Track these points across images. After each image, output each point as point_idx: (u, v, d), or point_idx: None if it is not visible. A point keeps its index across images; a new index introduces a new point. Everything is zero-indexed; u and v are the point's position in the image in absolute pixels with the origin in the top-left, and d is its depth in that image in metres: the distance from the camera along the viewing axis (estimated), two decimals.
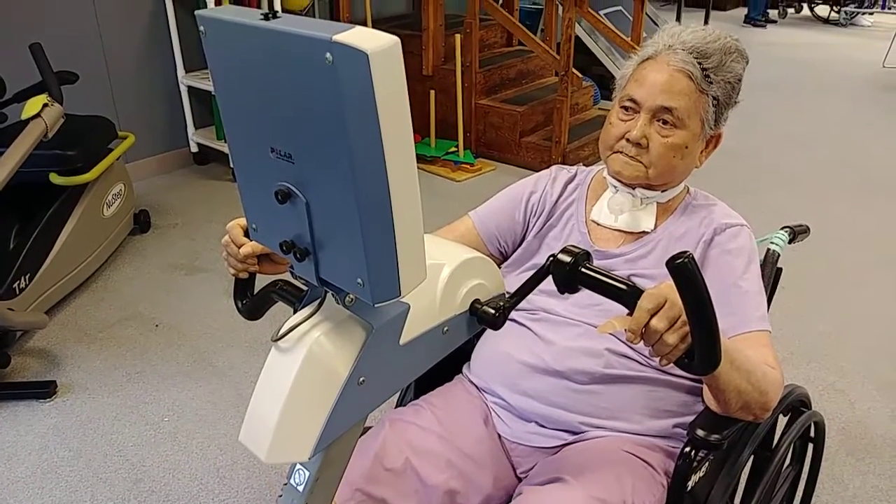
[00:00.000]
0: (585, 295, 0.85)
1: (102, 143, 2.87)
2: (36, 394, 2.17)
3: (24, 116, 2.28)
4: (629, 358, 1.14)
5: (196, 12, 0.70)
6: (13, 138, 2.20)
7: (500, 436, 1.20)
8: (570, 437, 1.14)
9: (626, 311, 0.84)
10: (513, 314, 0.89)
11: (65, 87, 2.54)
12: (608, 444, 1.12)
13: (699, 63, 1.14)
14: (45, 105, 2.30)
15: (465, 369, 1.30)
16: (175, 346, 2.43)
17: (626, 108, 1.18)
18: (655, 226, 1.21)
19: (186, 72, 3.76)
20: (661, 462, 1.12)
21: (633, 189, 1.21)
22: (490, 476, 1.15)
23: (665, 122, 1.15)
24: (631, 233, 1.22)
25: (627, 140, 1.17)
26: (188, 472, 1.91)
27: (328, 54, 0.56)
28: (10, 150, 2.16)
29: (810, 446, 1.46)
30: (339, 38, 0.55)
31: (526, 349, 1.18)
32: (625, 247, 1.21)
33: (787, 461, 1.42)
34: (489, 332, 0.83)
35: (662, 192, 1.22)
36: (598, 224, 1.24)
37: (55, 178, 2.59)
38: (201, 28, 0.69)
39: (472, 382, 1.27)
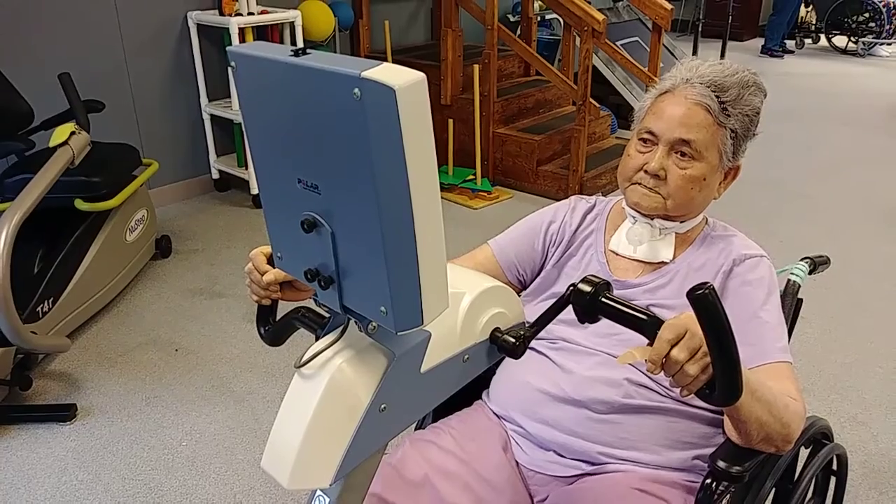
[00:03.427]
0: (604, 324, 0.85)
1: (127, 170, 2.93)
2: (57, 416, 2.19)
3: (51, 144, 2.33)
4: (648, 388, 1.14)
5: (227, 48, 0.72)
6: (41, 165, 2.25)
7: (517, 463, 1.20)
8: (588, 468, 1.14)
9: (646, 341, 0.84)
10: (532, 343, 0.89)
11: (91, 115, 2.61)
12: (624, 480, 1.11)
13: (717, 96, 1.15)
14: (73, 133, 2.35)
15: (484, 396, 1.31)
16: (194, 371, 2.45)
17: (644, 141, 1.20)
18: (674, 256, 1.22)
19: (209, 101, 3.84)
20: (680, 499, 1.11)
21: (652, 220, 1.22)
22: (507, 502, 1.14)
23: (683, 155, 1.16)
24: (650, 263, 1.22)
25: (646, 172, 1.18)
26: (205, 497, 1.91)
27: (356, 90, 0.58)
28: (38, 177, 2.21)
29: (833, 479, 1.44)
30: (367, 74, 0.57)
31: (545, 378, 1.18)
32: (644, 277, 1.22)
33: (810, 494, 1.40)
34: (508, 360, 0.84)
35: (681, 222, 1.22)
36: (617, 254, 1.25)
37: (80, 205, 2.63)
38: (232, 63, 0.71)
39: (491, 409, 1.27)
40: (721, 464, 1.00)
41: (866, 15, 8.40)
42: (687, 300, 0.78)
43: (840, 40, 8.70)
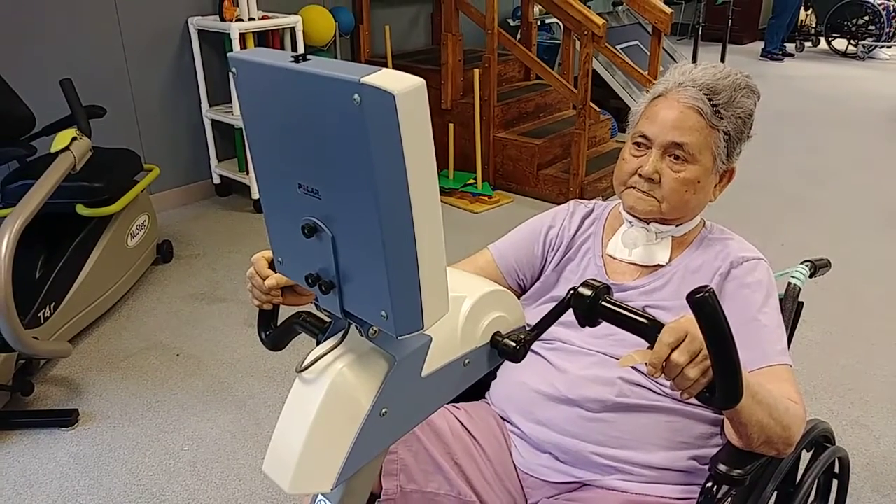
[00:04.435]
0: (601, 326, 0.85)
1: (128, 176, 2.93)
2: (58, 422, 2.19)
3: (53, 149, 2.34)
4: (643, 387, 1.14)
5: (228, 54, 0.72)
6: (42, 170, 2.26)
7: (515, 465, 1.21)
8: (582, 475, 1.14)
9: (646, 344, 0.84)
10: None
11: (93, 120, 2.61)
12: (612, 501, 1.11)
13: (709, 99, 1.16)
14: (74, 138, 2.36)
15: (487, 397, 1.32)
16: (195, 376, 2.45)
17: (638, 145, 1.21)
18: (671, 259, 1.22)
19: (210, 106, 3.85)
20: None
21: (648, 223, 1.22)
22: (506, 490, 1.17)
23: (677, 158, 1.17)
24: (646, 266, 1.23)
25: (640, 175, 1.19)
26: (207, 501, 1.91)
27: (356, 95, 0.58)
28: (40, 182, 2.21)
29: (835, 482, 1.44)
30: (367, 79, 0.58)
31: (540, 378, 1.19)
32: (640, 280, 1.22)
33: (812, 497, 1.40)
34: (507, 362, 0.84)
35: (677, 226, 1.23)
36: (614, 258, 1.26)
37: (82, 210, 2.64)
38: (233, 69, 0.71)
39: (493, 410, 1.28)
40: (722, 467, 1.00)
41: (866, 18, 8.41)
42: (684, 301, 0.78)
43: (840, 43, 8.71)
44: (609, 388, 1.14)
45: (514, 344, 0.82)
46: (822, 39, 8.94)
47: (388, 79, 0.58)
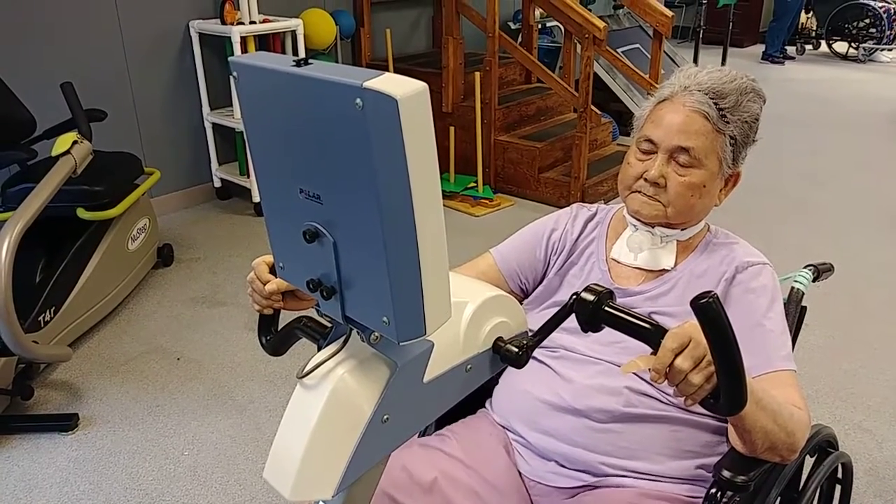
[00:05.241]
0: (606, 332, 0.85)
1: (129, 179, 2.93)
2: (58, 426, 2.19)
3: (54, 153, 2.33)
4: (650, 396, 1.13)
5: (230, 59, 0.72)
6: (43, 174, 2.26)
7: (520, 473, 1.19)
8: (590, 479, 1.13)
9: (650, 350, 0.83)
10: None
11: (93, 124, 2.61)
12: (623, 495, 1.10)
13: (715, 103, 1.15)
14: (75, 142, 2.36)
15: (487, 405, 1.30)
16: (196, 380, 2.45)
17: (643, 149, 1.20)
18: (676, 263, 1.22)
19: (211, 109, 3.84)
20: None
21: (653, 228, 1.22)
22: None
23: (682, 163, 1.16)
24: (651, 271, 1.22)
25: (645, 180, 1.18)
26: None
27: (358, 100, 0.58)
28: (40, 186, 2.21)
29: (838, 488, 1.43)
30: (369, 84, 0.57)
31: (545, 387, 1.18)
32: (645, 284, 1.22)
33: (815, 503, 1.39)
34: (510, 369, 0.84)
35: (682, 230, 1.22)
36: (618, 262, 1.25)
37: (82, 213, 2.63)
38: (234, 73, 0.71)
39: (494, 419, 1.27)
40: (726, 473, 1.00)
41: (867, 21, 8.41)
42: (688, 307, 0.77)
43: (841, 46, 8.71)
44: (616, 397, 1.13)
45: (516, 349, 0.81)
46: (823, 42, 8.93)
47: (391, 83, 0.57)
